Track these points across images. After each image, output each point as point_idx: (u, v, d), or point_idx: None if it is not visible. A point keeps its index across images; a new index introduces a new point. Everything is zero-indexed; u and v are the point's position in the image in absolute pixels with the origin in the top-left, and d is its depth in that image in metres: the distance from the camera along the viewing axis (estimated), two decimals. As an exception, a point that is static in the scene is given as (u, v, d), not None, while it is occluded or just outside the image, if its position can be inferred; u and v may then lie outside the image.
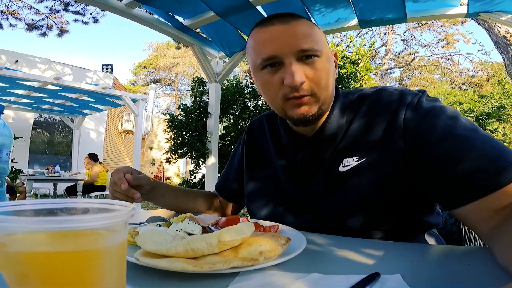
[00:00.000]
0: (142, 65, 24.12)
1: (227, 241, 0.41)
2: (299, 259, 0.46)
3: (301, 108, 0.66)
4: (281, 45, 0.64)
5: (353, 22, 2.94)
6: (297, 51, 0.64)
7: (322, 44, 0.67)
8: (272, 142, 0.84)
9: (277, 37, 0.65)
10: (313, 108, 0.66)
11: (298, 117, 0.67)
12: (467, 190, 0.52)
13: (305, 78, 0.64)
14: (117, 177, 0.77)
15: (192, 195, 0.96)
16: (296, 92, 0.64)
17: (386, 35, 15.41)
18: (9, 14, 7.76)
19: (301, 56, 0.64)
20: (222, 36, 3.31)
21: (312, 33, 0.66)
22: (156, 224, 0.62)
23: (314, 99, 0.66)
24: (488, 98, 7.83)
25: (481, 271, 0.41)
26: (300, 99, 0.65)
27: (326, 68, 0.66)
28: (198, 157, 4.40)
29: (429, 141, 0.58)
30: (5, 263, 0.23)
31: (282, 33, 0.64)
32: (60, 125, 10.93)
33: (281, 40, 0.64)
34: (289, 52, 0.64)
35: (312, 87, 0.65)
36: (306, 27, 0.66)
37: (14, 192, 4.99)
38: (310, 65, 0.65)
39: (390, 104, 0.67)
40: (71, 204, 0.29)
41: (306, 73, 0.64)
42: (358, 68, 5.49)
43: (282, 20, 0.66)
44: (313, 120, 0.68)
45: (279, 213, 0.77)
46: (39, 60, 9.43)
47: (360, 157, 0.67)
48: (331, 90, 0.68)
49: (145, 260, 0.40)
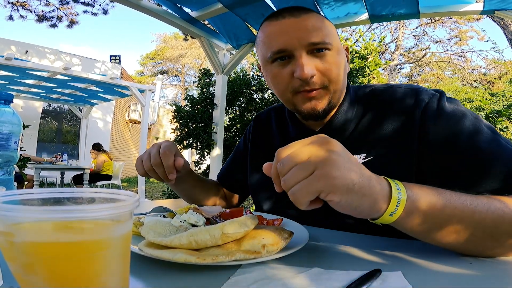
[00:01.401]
0: (150, 56, 24.13)
1: (230, 233, 0.41)
2: (301, 253, 0.47)
3: (311, 101, 0.66)
4: (292, 38, 0.63)
5: (364, 16, 2.88)
6: (308, 44, 0.63)
7: (332, 37, 0.66)
8: (279, 135, 0.84)
9: (287, 30, 0.64)
10: (323, 102, 0.66)
11: (308, 111, 0.67)
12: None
13: (316, 71, 0.63)
14: (167, 163, 0.70)
15: (207, 187, 0.94)
16: (306, 85, 0.64)
17: (397, 30, 15.12)
18: (20, 6, 7.80)
19: (311, 49, 0.64)
20: (229, 28, 3.28)
21: (323, 26, 0.65)
22: (160, 215, 0.63)
23: (324, 92, 0.66)
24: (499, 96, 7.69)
25: (482, 270, 0.41)
26: (310, 92, 0.65)
27: (337, 61, 0.66)
28: (203, 148, 4.42)
29: (450, 148, 0.57)
30: (11, 253, 0.23)
31: (293, 27, 0.64)
32: (68, 114, 11.05)
33: (291, 33, 0.64)
34: (300, 45, 0.63)
35: (323, 80, 0.65)
36: (316, 20, 0.65)
37: (22, 180, 5.09)
38: (321, 58, 0.64)
39: (404, 102, 0.66)
40: (78, 194, 0.30)
41: (317, 66, 0.64)
42: (367, 63, 5.41)
43: (293, 14, 0.65)
44: (323, 114, 0.67)
45: (283, 206, 0.77)
46: (48, 51, 9.50)
47: (368, 154, 0.66)
48: (342, 83, 0.68)
49: (149, 251, 0.40)
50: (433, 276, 0.39)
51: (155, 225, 0.46)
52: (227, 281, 0.37)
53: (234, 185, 0.98)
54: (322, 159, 0.40)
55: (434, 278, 0.38)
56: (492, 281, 0.38)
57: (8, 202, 0.26)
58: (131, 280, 0.32)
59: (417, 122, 0.62)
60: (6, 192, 0.27)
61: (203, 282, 0.37)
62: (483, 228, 0.44)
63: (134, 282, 0.37)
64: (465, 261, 0.44)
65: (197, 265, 0.40)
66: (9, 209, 0.22)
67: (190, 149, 4.63)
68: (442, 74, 15.80)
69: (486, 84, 13.30)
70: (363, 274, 0.37)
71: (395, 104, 0.67)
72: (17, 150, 0.58)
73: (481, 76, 14.45)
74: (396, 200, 0.41)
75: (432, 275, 0.39)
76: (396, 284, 0.35)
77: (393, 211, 0.42)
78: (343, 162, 0.40)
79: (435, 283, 0.37)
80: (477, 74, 14.75)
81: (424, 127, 0.61)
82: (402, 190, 0.42)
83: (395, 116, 0.66)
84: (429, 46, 15.74)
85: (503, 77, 12.43)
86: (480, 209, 0.44)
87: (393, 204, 0.41)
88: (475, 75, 14.69)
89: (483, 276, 0.39)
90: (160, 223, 0.47)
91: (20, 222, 0.23)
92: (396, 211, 0.42)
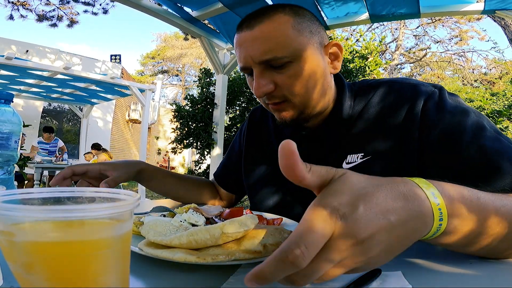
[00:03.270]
0: (150, 56, 24.13)
1: (230, 233, 0.41)
2: (301, 253, 0.46)
3: (279, 112, 0.65)
4: (246, 54, 0.61)
5: (364, 16, 2.88)
6: (260, 62, 0.60)
7: (295, 46, 0.59)
8: (275, 132, 0.81)
9: (243, 45, 0.61)
10: (290, 113, 0.64)
11: (280, 121, 0.67)
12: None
13: (273, 86, 0.61)
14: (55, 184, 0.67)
15: (185, 182, 0.92)
16: (268, 99, 0.63)
17: (397, 30, 15.10)
18: (20, 5, 7.80)
19: (267, 64, 0.60)
20: (230, 27, 3.28)
21: (279, 36, 0.58)
22: (160, 214, 0.63)
23: (289, 104, 0.63)
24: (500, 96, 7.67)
25: (482, 270, 0.41)
26: (275, 105, 0.64)
27: (301, 72, 0.60)
28: (204, 148, 4.43)
29: (453, 145, 0.56)
30: (11, 252, 0.23)
31: (247, 41, 0.61)
32: (69, 114, 11.06)
33: (246, 49, 0.61)
34: (253, 62, 0.60)
35: (283, 94, 0.62)
36: (271, 31, 0.59)
37: (23, 179, 5.09)
38: (280, 72, 0.60)
39: (404, 98, 0.63)
40: (78, 193, 0.30)
41: (276, 80, 0.61)
42: (368, 63, 5.41)
43: (249, 25, 0.61)
44: (297, 122, 0.66)
45: (281, 205, 0.76)
46: (49, 50, 9.51)
47: (366, 154, 0.64)
48: (314, 93, 0.63)
49: (149, 250, 0.40)
50: (433, 276, 0.39)
51: (155, 225, 0.46)
52: (227, 281, 0.37)
53: (231, 184, 0.95)
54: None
55: (434, 278, 0.38)
56: (492, 281, 0.38)
57: (8, 202, 0.26)
58: (131, 280, 0.32)
59: (417, 118, 0.60)
60: (6, 191, 0.27)
61: (203, 282, 0.37)
62: (507, 233, 0.40)
63: (134, 282, 0.37)
64: (465, 261, 0.44)
65: (197, 265, 0.40)
66: (9, 208, 0.22)
67: (191, 148, 4.64)
68: (443, 74, 15.78)
69: (487, 84, 13.28)
70: (363, 274, 0.37)
71: (394, 101, 0.64)
72: (17, 150, 0.58)
73: (482, 76, 14.43)
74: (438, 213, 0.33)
75: (432, 275, 0.39)
76: (396, 284, 0.35)
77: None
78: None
79: (435, 283, 0.37)
80: (478, 74, 14.73)
81: (425, 123, 0.59)
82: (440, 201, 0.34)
83: (394, 113, 0.63)
84: (429, 46, 15.73)
85: (504, 77, 12.41)
86: (505, 212, 0.40)
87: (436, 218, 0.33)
88: (475, 75, 14.67)
89: (483, 276, 0.39)
90: (160, 223, 0.47)
91: (20, 221, 0.23)
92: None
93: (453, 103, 0.60)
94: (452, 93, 0.63)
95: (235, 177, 0.93)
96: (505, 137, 0.55)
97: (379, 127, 0.65)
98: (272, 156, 0.81)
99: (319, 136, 0.71)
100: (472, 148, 0.54)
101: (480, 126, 0.56)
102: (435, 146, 0.58)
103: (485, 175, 0.52)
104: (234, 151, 0.95)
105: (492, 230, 0.39)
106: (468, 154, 0.54)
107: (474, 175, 0.53)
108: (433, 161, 0.58)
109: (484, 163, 0.52)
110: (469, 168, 0.54)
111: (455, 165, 0.55)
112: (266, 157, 0.82)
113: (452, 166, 0.56)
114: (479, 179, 0.51)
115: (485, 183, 0.51)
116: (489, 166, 0.52)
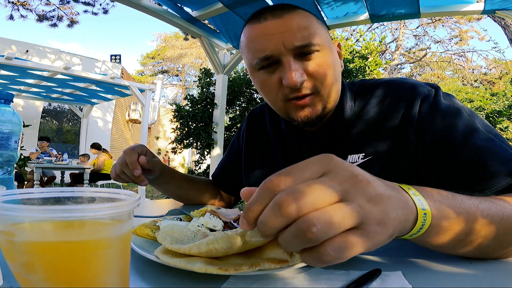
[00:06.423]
0: (150, 56, 24.14)
1: (253, 241, 0.38)
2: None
3: (304, 109, 0.62)
4: (277, 42, 0.58)
5: (364, 16, 2.88)
6: (294, 48, 0.58)
7: (322, 37, 0.61)
8: (274, 133, 0.81)
9: (271, 34, 0.59)
10: (317, 108, 0.62)
11: (302, 120, 0.63)
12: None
13: (306, 76, 0.59)
14: (130, 159, 0.72)
15: (196, 186, 0.94)
16: (297, 92, 0.60)
17: (397, 30, 15.10)
18: (20, 5, 7.81)
19: (299, 52, 0.59)
20: (230, 27, 3.28)
21: (310, 26, 0.60)
22: (176, 218, 0.61)
23: (317, 97, 0.62)
24: (500, 96, 7.68)
25: (482, 270, 0.41)
26: (302, 99, 0.61)
27: (328, 62, 0.61)
28: (204, 148, 4.43)
29: (445, 145, 0.56)
30: (11, 252, 0.23)
31: (276, 29, 0.59)
32: (69, 114, 11.06)
33: (276, 37, 0.58)
34: (285, 50, 0.58)
35: (315, 85, 0.60)
36: (302, 20, 0.59)
37: (23, 179, 5.09)
38: (311, 61, 0.59)
39: (402, 97, 0.64)
40: (78, 193, 0.30)
41: (306, 69, 0.59)
42: (368, 63, 5.41)
43: (275, 14, 0.60)
44: (318, 121, 0.64)
45: None
46: (49, 50, 9.50)
47: (367, 154, 0.65)
48: (337, 85, 0.64)
49: (166, 259, 0.38)
50: (433, 276, 0.39)
51: (172, 230, 0.44)
52: (227, 281, 0.37)
53: (228, 185, 0.95)
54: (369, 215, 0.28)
55: (434, 278, 0.38)
56: (492, 281, 0.38)
57: (8, 202, 0.26)
58: (131, 280, 0.32)
59: (414, 120, 0.61)
60: (6, 191, 0.27)
61: (203, 282, 0.37)
62: (495, 235, 0.40)
63: (134, 282, 0.37)
64: (465, 261, 0.44)
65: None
66: (10, 208, 0.22)
67: (191, 148, 4.64)
68: (443, 74, 15.78)
69: (487, 84, 13.28)
70: (363, 274, 0.37)
71: (392, 101, 0.65)
72: (17, 150, 0.58)
73: (482, 76, 14.43)
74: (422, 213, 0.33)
75: (432, 275, 0.39)
76: (396, 284, 0.35)
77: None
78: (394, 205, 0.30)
79: (435, 283, 0.37)
80: (478, 74, 14.73)
81: (421, 123, 0.60)
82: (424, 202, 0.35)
83: (392, 114, 0.64)
84: (429, 46, 15.74)
85: (504, 77, 12.41)
86: (492, 215, 0.40)
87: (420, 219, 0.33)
88: (475, 75, 14.67)
89: (483, 276, 0.39)
90: (177, 228, 0.45)
91: (20, 221, 0.23)
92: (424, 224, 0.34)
93: (447, 103, 0.61)
94: (447, 93, 0.64)
95: (233, 178, 0.93)
96: (499, 136, 0.56)
97: (379, 128, 0.65)
98: (271, 157, 0.81)
99: (320, 136, 0.71)
100: (464, 149, 0.54)
101: (472, 127, 0.56)
102: (429, 149, 0.59)
103: (477, 175, 0.52)
104: (232, 152, 0.95)
105: (478, 231, 0.39)
106: (460, 155, 0.55)
107: (467, 176, 0.53)
108: (428, 164, 0.59)
109: (475, 163, 0.53)
110: (462, 169, 0.54)
111: (449, 167, 0.56)
112: (265, 158, 0.82)
113: (446, 168, 0.56)
114: (472, 180, 0.52)
115: (477, 183, 0.51)
116: (480, 166, 0.52)
